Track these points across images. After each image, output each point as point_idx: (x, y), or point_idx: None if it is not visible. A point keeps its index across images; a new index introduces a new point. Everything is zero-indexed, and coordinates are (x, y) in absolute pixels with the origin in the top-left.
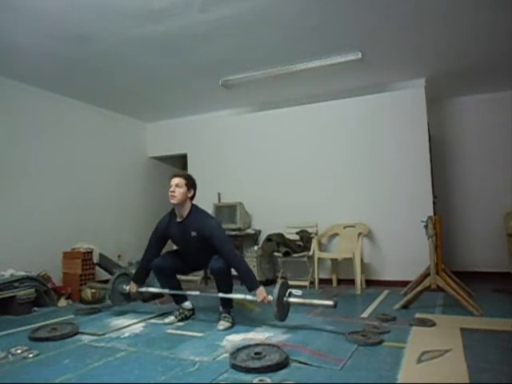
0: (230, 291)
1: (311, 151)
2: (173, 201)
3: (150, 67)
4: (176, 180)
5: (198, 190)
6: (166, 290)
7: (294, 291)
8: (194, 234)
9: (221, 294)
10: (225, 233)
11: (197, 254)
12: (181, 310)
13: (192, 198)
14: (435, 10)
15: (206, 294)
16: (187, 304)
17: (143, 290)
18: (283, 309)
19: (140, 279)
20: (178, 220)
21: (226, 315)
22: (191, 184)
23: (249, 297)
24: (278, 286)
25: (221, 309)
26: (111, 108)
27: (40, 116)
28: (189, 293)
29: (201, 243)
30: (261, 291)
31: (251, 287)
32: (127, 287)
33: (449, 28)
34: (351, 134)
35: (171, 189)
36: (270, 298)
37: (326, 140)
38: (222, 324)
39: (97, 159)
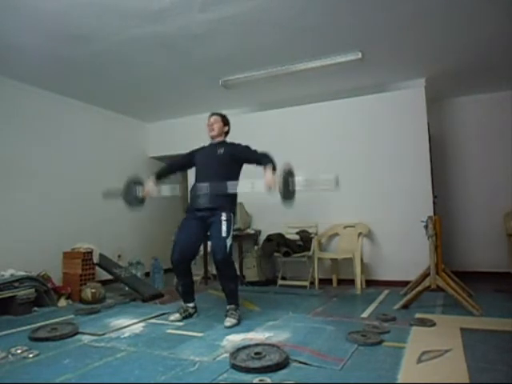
0: (234, 282)
1: (311, 151)
2: (212, 133)
3: (150, 67)
4: (213, 118)
5: None
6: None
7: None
8: (220, 151)
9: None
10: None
11: (216, 175)
12: (185, 307)
13: (227, 133)
14: (435, 10)
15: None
16: (190, 304)
17: (156, 191)
18: (288, 190)
19: (161, 175)
20: (212, 143)
21: (233, 312)
22: (226, 121)
23: (257, 182)
24: (282, 170)
25: (227, 306)
26: (111, 108)
27: (40, 116)
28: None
29: (224, 160)
30: (269, 170)
31: (266, 162)
32: (141, 190)
33: (449, 28)
34: (351, 133)
35: (209, 124)
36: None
37: (326, 140)
38: (229, 321)
39: (97, 159)
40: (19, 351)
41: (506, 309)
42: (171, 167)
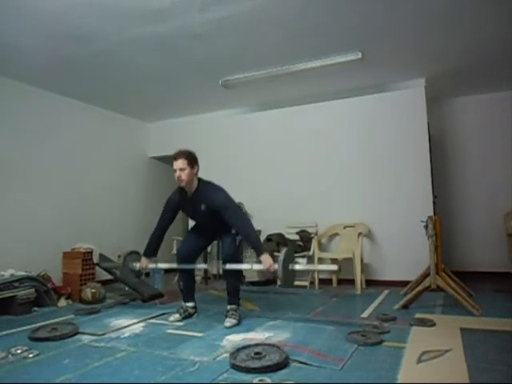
0: (238, 280)
1: (311, 151)
2: (182, 184)
3: (150, 67)
4: (179, 164)
5: None
6: (174, 266)
7: (299, 260)
8: (203, 207)
9: (228, 266)
10: (233, 202)
11: (210, 224)
12: (184, 308)
13: (197, 173)
14: (435, 10)
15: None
16: (191, 302)
17: (153, 266)
18: (289, 275)
19: (151, 252)
20: (189, 195)
21: (233, 312)
22: (193, 161)
23: (256, 266)
24: (283, 252)
25: (228, 306)
26: (111, 108)
27: (40, 116)
28: (198, 266)
29: (211, 215)
30: (266, 258)
31: (260, 252)
32: (137, 264)
33: (449, 28)
34: (351, 133)
35: (177, 174)
36: (276, 266)
37: (326, 140)
38: (229, 321)
39: (97, 159)
40: (19, 351)
41: (506, 309)
42: (159, 235)
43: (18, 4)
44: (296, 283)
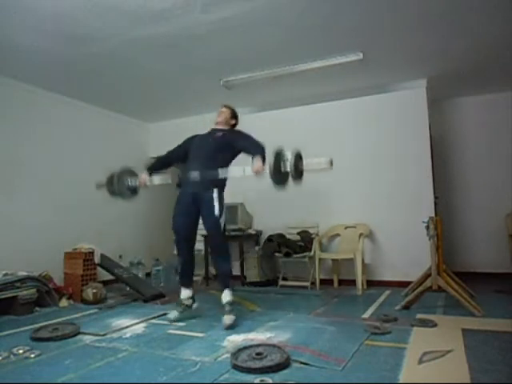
0: (228, 261)
1: (312, 151)
2: (218, 119)
3: (151, 67)
4: (224, 108)
5: None
6: (169, 181)
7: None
8: (219, 134)
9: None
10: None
11: (206, 155)
12: (180, 303)
13: (233, 126)
14: (436, 11)
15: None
16: (188, 292)
17: (148, 182)
18: (280, 175)
19: (153, 168)
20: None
21: (229, 307)
22: (234, 114)
23: (247, 169)
24: (272, 155)
25: (222, 298)
26: (113, 108)
27: (41, 116)
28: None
29: (218, 144)
30: (257, 161)
31: (256, 155)
32: (134, 180)
33: (450, 29)
34: (352, 134)
35: (219, 111)
36: (265, 168)
37: (326, 140)
38: (228, 318)
39: (98, 159)
40: (21, 351)
41: (507, 309)
42: (167, 159)
43: (19, 4)
44: (297, 284)
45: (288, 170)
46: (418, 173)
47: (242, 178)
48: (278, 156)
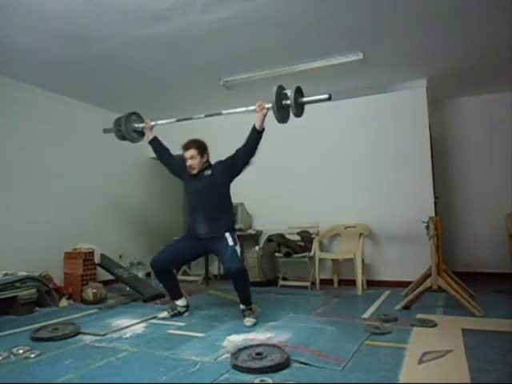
0: (249, 286)
1: (312, 152)
2: (193, 172)
3: (151, 68)
4: (190, 153)
5: None
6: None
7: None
8: (207, 173)
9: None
10: None
11: (207, 200)
12: (174, 307)
13: (207, 160)
14: (436, 11)
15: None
16: (181, 301)
17: (153, 123)
18: (283, 111)
19: (157, 142)
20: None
21: (250, 311)
22: (203, 150)
23: (250, 107)
24: (274, 91)
25: (241, 306)
26: (113, 108)
27: (41, 116)
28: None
29: (212, 183)
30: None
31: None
32: (141, 124)
33: (450, 29)
34: (352, 134)
35: (188, 163)
36: (267, 104)
37: (327, 141)
38: (249, 320)
39: (98, 159)
40: (21, 351)
41: (507, 309)
42: (166, 151)
43: (20, 4)
44: (297, 284)
45: (289, 103)
46: (418, 173)
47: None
48: (280, 90)
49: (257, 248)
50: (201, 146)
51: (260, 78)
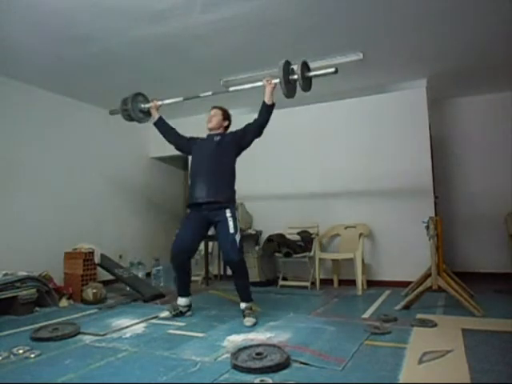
0: (247, 277)
1: (312, 151)
2: (209, 125)
3: (151, 68)
4: (213, 111)
5: None
6: (180, 99)
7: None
8: (217, 138)
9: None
10: None
11: (211, 166)
12: (175, 307)
13: (227, 127)
14: (436, 11)
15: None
16: (186, 300)
17: (160, 102)
18: (290, 85)
19: (164, 123)
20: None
21: (249, 311)
22: (226, 115)
23: (258, 83)
24: (281, 66)
25: (242, 305)
26: (112, 108)
27: (41, 117)
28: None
29: (220, 150)
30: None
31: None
32: (147, 104)
33: (450, 29)
34: (352, 134)
35: (209, 115)
36: (275, 80)
37: (327, 141)
38: (249, 320)
39: (98, 159)
40: (21, 351)
41: (507, 309)
42: (172, 129)
43: (20, 4)
44: (297, 284)
45: (296, 78)
46: (418, 172)
47: (242, 180)
48: (286, 65)
49: (257, 248)
50: (226, 112)
51: (260, 77)
